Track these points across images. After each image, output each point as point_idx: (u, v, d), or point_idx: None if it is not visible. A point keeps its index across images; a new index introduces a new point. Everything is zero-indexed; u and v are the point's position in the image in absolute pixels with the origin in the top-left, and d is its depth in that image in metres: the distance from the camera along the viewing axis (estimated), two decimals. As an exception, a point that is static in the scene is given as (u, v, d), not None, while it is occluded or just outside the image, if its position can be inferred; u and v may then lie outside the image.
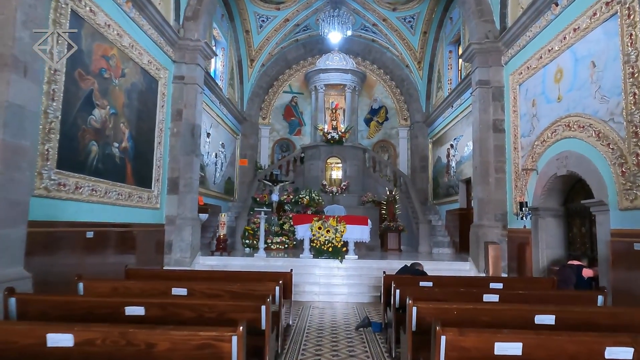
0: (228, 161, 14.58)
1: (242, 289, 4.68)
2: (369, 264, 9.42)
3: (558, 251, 7.45)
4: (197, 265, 9.20)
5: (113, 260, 7.01)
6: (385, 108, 17.31)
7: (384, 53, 16.57)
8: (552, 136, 7.22)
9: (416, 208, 13.36)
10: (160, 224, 8.91)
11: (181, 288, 4.67)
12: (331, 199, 13.72)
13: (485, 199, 9.11)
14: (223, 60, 14.24)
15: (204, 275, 5.69)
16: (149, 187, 8.36)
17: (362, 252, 11.35)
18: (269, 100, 17.31)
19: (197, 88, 9.51)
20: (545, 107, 7.47)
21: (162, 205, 8.96)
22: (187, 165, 9.27)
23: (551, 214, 7.50)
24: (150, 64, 8.23)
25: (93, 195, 6.38)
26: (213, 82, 12.35)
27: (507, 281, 5.64)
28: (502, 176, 9.05)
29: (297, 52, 16.86)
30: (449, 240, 13.06)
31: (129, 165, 7.52)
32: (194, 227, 9.24)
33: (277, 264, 9.35)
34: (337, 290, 8.49)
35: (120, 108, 7.22)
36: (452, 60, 14.02)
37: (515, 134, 8.65)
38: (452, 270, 9.24)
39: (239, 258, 9.69)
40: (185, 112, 9.36)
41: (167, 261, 8.98)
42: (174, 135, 9.27)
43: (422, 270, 5.91)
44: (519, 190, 8.41)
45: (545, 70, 7.49)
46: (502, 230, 8.96)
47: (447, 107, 13.55)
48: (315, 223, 9.72)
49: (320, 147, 14.53)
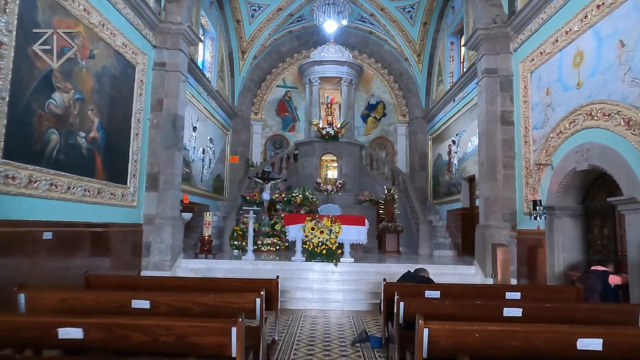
0: (217, 158, 13.80)
1: (217, 301, 3.92)
2: (366, 267, 8.68)
3: (576, 255, 6.73)
4: (178, 269, 8.41)
5: (79, 265, 6.22)
6: (383, 103, 16.58)
7: (381, 46, 15.83)
8: (570, 127, 6.50)
9: (416, 208, 12.63)
10: (137, 223, 8.12)
11: (143, 300, 3.90)
12: (326, 198, 12.97)
13: (493, 197, 8.38)
14: (212, 51, 13.45)
15: (177, 283, 4.92)
16: (124, 183, 7.58)
17: (359, 254, 10.60)
18: (261, 95, 16.54)
19: (179, 76, 8.73)
20: (562, 95, 6.75)
21: (140, 204, 8.17)
22: (168, 159, 8.49)
23: (568, 214, 6.78)
24: (125, 47, 7.45)
25: (52, 190, 5.59)
26: (200, 73, 11.57)
27: (525, 290, 4.91)
28: (511, 172, 8.33)
29: (291, 45, 16.09)
30: (451, 241, 12.34)
31: (99, 158, 6.73)
32: (176, 227, 8.46)
33: (266, 268, 8.58)
34: (331, 297, 7.74)
35: (89, 93, 6.44)
36: (454, 52, 13.30)
37: (526, 126, 7.92)
38: (456, 275, 8.50)
39: (224, 261, 8.91)
40: (167, 101, 8.58)
41: (145, 265, 8.20)
42: (154, 126, 8.48)
43: (427, 277, 5.18)
44: (530, 188, 7.69)
45: (562, 54, 6.77)
46: (511, 231, 8.23)
47: (449, 101, 12.83)
48: (308, 223, 8.97)
49: (315, 143, 13.77)
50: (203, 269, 8.48)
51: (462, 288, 5.13)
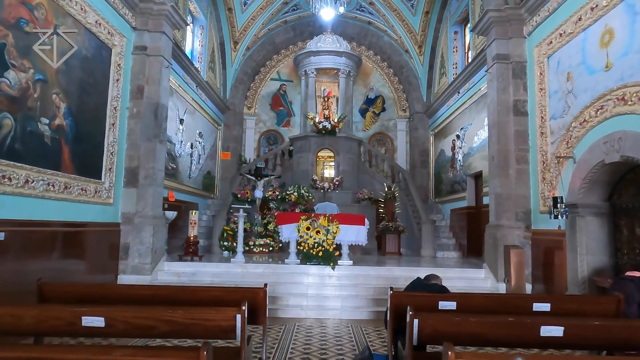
0: (207, 153, 13.03)
1: (187, 318, 3.17)
2: (366, 271, 7.94)
3: (602, 258, 6.02)
4: (160, 273, 7.65)
5: (42, 269, 5.45)
6: (382, 98, 15.85)
7: (381, 37, 15.10)
8: (597, 114, 5.79)
9: (418, 206, 11.91)
10: (114, 223, 7.36)
11: (96, 317, 3.16)
12: (322, 196, 12.23)
13: (505, 194, 7.67)
14: (202, 40, 12.68)
15: (146, 292, 4.16)
16: (98, 177, 6.81)
17: (357, 256, 9.87)
18: (254, 88, 15.77)
19: (162, 61, 7.96)
20: (587, 79, 6.04)
21: (117, 201, 7.41)
22: (149, 152, 7.73)
23: (592, 212, 6.06)
24: (99, 25, 6.68)
25: (5, 184, 4.82)
26: (188, 62, 10.80)
27: (555, 301, 4.18)
28: (525, 167, 7.62)
29: (286, 35, 15.33)
30: (455, 242, 11.62)
31: (66, 149, 5.96)
32: (157, 227, 7.70)
33: (256, 271, 7.83)
34: (328, 304, 7.00)
35: (53, 75, 5.66)
36: (458, 42, 12.59)
37: (543, 116, 7.21)
38: (464, 279, 7.79)
39: (212, 264, 8.15)
40: (148, 89, 7.81)
41: (122, 268, 7.43)
42: (134, 116, 7.72)
43: (441, 285, 4.45)
44: (548, 184, 6.98)
45: (587, 34, 6.06)
46: (524, 231, 7.52)
47: (453, 93, 12.12)
48: (303, 222, 8.22)
49: (311, 138, 13.01)
50: (187, 272, 7.73)
51: (482, 299, 4.40)
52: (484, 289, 7.43)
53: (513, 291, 7.15)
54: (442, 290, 4.33)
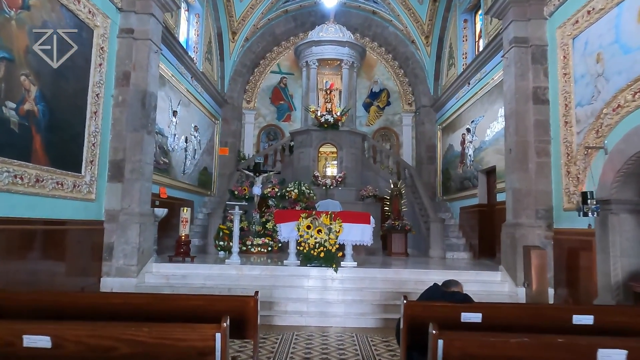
0: (204, 148, 12.40)
1: (154, 337, 2.54)
2: (372, 273, 7.30)
3: (638, 261, 5.36)
4: (147, 275, 7.03)
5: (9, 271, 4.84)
6: (387, 91, 15.18)
7: (386, 27, 14.43)
8: (634, 98, 5.13)
9: (425, 204, 11.25)
10: (97, 220, 6.74)
11: (42, 335, 2.54)
12: (324, 193, 11.58)
13: (524, 190, 7.01)
14: (197, 29, 12.05)
15: (116, 301, 3.52)
16: (77, 170, 6.19)
17: (361, 257, 9.24)
18: (254, 82, 15.13)
19: (150, 45, 7.34)
20: (621, 60, 5.38)
21: (100, 197, 6.79)
22: (136, 144, 7.11)
23: (628, 209, 5.41)
24: (78, 2, 6.06)
25: (-41, 175, 4.21)
26: (182, 50, 10.17)
27: (599, 312, 3.53)
28: (546, 160, 6.96)
29: (287, 26, 14.68)
30: (465, 242, 10.97)
31: (38, 138, 5.34)
32: (145, 225, 7.08)
33: (252, 274, 7.20)
34: (330, 310, 6.36)
35: (21, 54, 5.04)
36: (468, 30, 11.92)
37: (567, 103, 6.55)
38: (479, 282, 7.13)
39: (204, 265, 7.52)
40: (135, 75, 7.19)
41: (106, 270, 6.82)
42: (119, 104, 7.10)
43: (463, 294, 3.81)
44: (573, 178, 6.32)
45: (621, 8, 5.40)
46: (546, 230, 6.86)
47: (462, 84, 11.46)
48: (304, 221, 7.59)
49: (312, 132, 12.35)
50: (177, 275, 7.11)
51: (511, 309, 3.74)
52: (501, 294, 6.78)
53: (534, 296, 6.49)
54: (465, 300, 3.69)
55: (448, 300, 3.63)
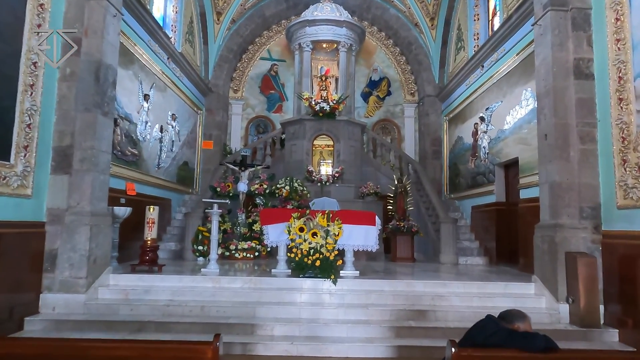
0: (184, 140, 11.04)
1: None
2: (379, 285, 5.98)
3: None
4: (101, 290, 5.66)
5: None
6: (388, 80, 13.90)
7: (386, 9, 13.16)
8: None
9: (434, 203, 9.98)
10: (35, 222, 5.36)
11: None
12: (320, 190, 10.29)
13: (565, 183, 5.74)
14: (176, 5, 10.69)
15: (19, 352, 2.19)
16: (5, 158, 4.82)
17: (361, 262, 7.97)
18: (242, 69, 13.78)
19: (108, 7, 5.97)
20: None
21: (40, 192, 5.41)
22: (88, 127, 5.73)
23: None
24: (3, -59, 4.69)
25: None
26: (156, 26, 8.82)
27: None
28: (592, 147, 5.70)
29: (278, 7, 13.35)
30: (479, 246, 9.71)
31: (-64, 110, 3.97)
32: (99, 227, 5.71)
33: (233, 287, 5.86)
34: (329, 335, 5.03)
35: None
36: (480, 8, 10.66)
37: (620, 76, 5.29)
38: (508, 297, 5.83)
39: (172, 277, 6.14)
40: (87, 42, 5.82)
41: (48, 284, 5.44)
42: (66, 78, 5.72)
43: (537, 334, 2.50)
44: (632, 168, 5.06)
45: None
46: (592, 233, 5.60)
47: (474, 68, 10.22)
48: (295, 222, 6.27)
49: (306, 122, 11.03)
50: (139, 289, 5.73)
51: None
52: (538, 312, 5.48)
53: (582, 314, 5.24)
54: (546, 347, 2.37)
55: (518, 346, 2.33)
